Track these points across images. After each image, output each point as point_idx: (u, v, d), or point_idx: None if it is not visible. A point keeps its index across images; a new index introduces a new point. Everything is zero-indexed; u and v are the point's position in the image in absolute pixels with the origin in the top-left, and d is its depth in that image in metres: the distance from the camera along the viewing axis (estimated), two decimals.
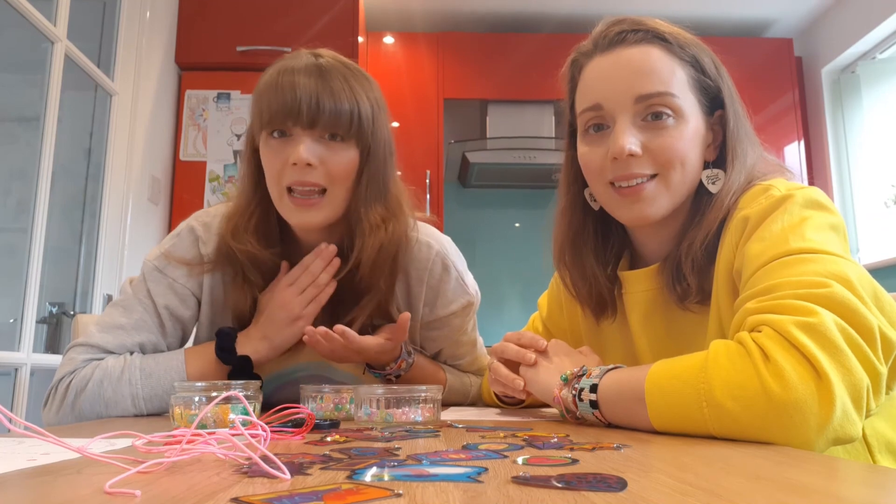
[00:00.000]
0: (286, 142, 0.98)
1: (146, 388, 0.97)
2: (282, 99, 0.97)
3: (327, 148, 0.98)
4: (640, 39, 0.87)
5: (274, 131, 0.99)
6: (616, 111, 0.85)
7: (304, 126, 0.97)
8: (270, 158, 1.00)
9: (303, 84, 0.97)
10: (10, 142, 2.36)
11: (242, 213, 1.04)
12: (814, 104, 3.53)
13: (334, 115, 0.97)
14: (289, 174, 0.98)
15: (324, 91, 0.97)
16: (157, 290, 1.04)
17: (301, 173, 0.97)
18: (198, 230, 1.07)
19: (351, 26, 2.91)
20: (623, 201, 0.86)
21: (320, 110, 0.96)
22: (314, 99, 0.96)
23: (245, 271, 1.04)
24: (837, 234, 0.75)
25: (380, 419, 0.78)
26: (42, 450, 0.54)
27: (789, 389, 0.59)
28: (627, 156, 0.83)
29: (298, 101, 0.96)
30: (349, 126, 0.99)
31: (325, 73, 0.99)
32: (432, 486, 0.38)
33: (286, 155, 0.97)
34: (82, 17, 2.40)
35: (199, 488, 0.38)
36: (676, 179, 0.85)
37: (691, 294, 0.84)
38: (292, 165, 0.97)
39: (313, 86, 0.97)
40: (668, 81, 0.85)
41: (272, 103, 0.97)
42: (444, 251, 1.11)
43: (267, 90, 0.99)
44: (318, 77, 0.98)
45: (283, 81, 0.98)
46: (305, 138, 0.97)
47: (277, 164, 0.98)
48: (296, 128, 0.97)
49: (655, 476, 0.42)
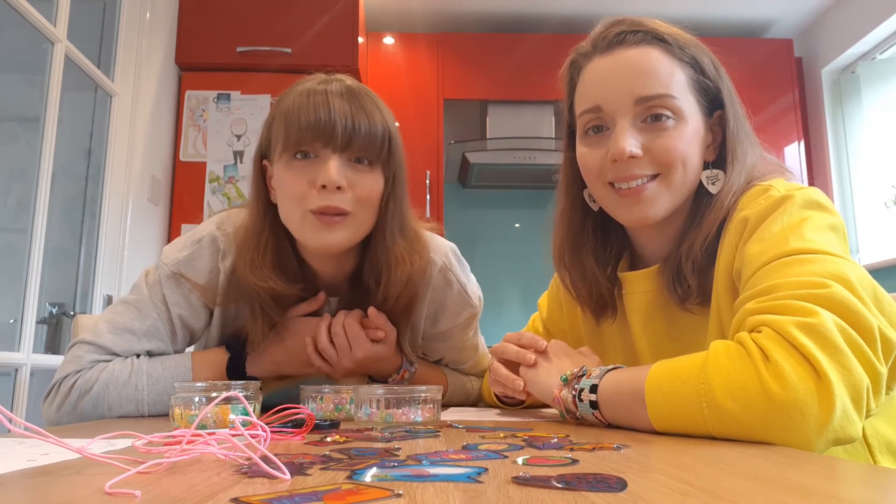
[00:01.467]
0: (311, 164, 0.94)
1: (152, 394, 0.96)
2: (314, 118, 0.92)
3: (355, 171, 0.95)
4: (639, 40, 0.87)
5: (298, 153, 0.94)
6: (616, 113, 0.85)
7: (338, 148, 0.93)
8: (292, 180, 0.94)
9: (337, 104, 0.93)
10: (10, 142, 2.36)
11: (255, 244, 0.99)
12: (814, 104, 3.53)
13: (369, 137, 0.94)
14: (314, 198, 0.93)
15: (358, 112, 0.93)
16: (172, 298, 1.01)
17: (328, 197, 0.92)
18: (220, 242, 1.02)
19: (351, 26, 2.90)
20: (623, 202, 0.86)
21: (356, 131, 0.92)
22: (349, 119, 0.92)
23: (264, 306, 1.00)
24: (837, 234, 0.75)
25: (380, 419, 0.78)
26: (42, 450, 0.54)
27: (789, 390, 0.59)
28: (628, 158, 0.83)
29: (333, 121, 0.92)
30: (380, 150, 0.95)
31: (356, 94, 0.96)
32: (432, 487, 0.38)
33: (311, 176, 0.93)
34: (82, 18, 2.40)
35: (199, 489, 0.38)
36: (677, 180, 0.85)
37: (692, 295, 0.84)
38: (320, 188, 0.92)
39: (347, 107, 0.93)
40: (668, 83, 0.84)
41: (302, 123, 0.92)
42: (446, 265, 1.08)
43: (296, 110, 0.94)
44: (351, 98, 0.94)
45: (315, 101, 0.93)
46: (334, 159, 0.92)
47: (301, 187, 0.93)
48: (326, 149, 0.93)
49: (655, 476, 0.42)
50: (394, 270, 0.99)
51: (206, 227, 1.04)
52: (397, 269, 0.99)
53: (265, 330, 1.01)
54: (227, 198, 2.73)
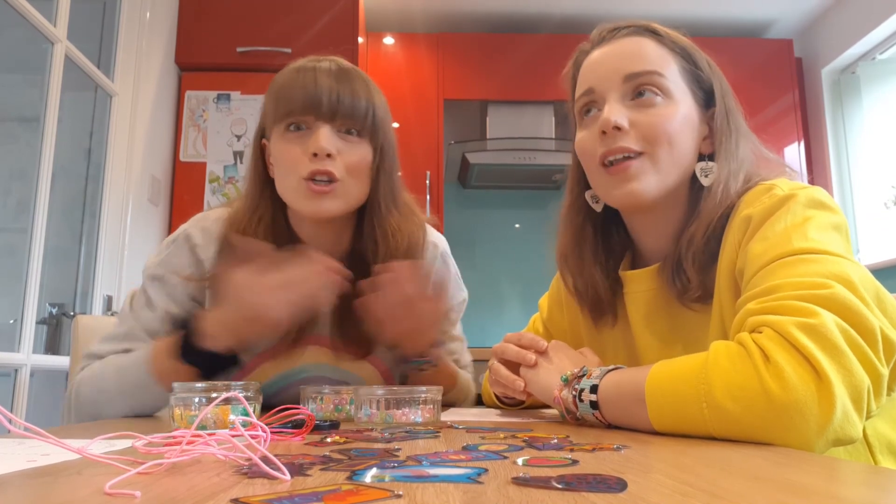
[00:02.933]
0: (303, 135, 0.99)
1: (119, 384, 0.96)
2: (302, 92, 0.99)
3: (344, 141, 1.00)
4: (632, 32, 0.91)
5: (291, 125, 1.00)
6: (606, 91, 0.88)
7: (324, 118, 0.99)
8: (286, 150, 1.00)
9: (323, 79, 0.99)
10: (10, 142, 2.36)
11: (249, 215, 1.04)
12: (814, 105, 3.53)
13: (352, 109, 1.00)
14: (306, 165, 0.98)
15: (343, 87, 1.00)
16: (158, 297, 1.03)
17: (320, 163, 0.98)
18: (194, 237, 1.05)
19: (351, 27, 2.90)
20: (612, 180, 0.87)
21: (340, 103, 0.99)
22: (334, 93, 0.99)
23: None
24: (840, 233, 0.75)
25: (380, 420, 0.78)
26: (42, 450, 0.54)
27: (790, 390, 0.58)
28: (613, 128, 0.84)
29: (319, 94, 0.98)
30: (364, 121, 1.01)
31: (344, 73, 1.02)
32: (432, 487, 0.38)
33: (304, 146, 0.98)
34: (82, 18, 2.40)
35: (199, 489, 0.38)
36: (664, 158, 0.85)
37: (691, 289, 0.84)
38: (312, 156, 0.97)
39: (333, 82, 1.00)
40: (656, 62, 0.87)
41: (291, 96, 0.99)
42: (445, 250, 1.15)
43: (286, 85, 1.01)
44: (338, 75, 1.01)
45: (303, 77, 1.00)
46: (324, 129, 0.98)
47: (294, 156, 0.99)
48: (317, 121, 0.99)
49: (655, 477, 0.42)
50: (391, 240, 1.03)
51: (181, 228, 1.08)
52: (395, 238, 1.03)
53: None
54: (227, 198, 2.73)
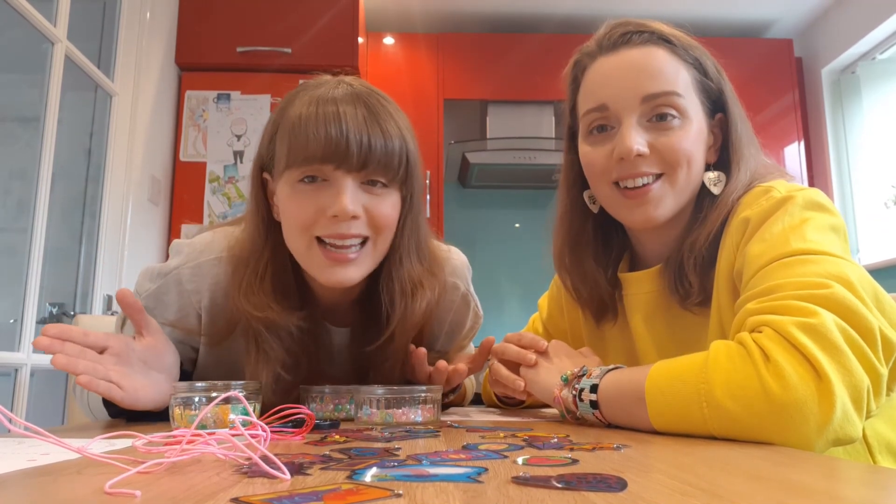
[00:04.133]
0: (319, 188, 0.83)
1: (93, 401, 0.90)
2: (325, 136, 0.81)
3: (369, 194, 0.85)
4: (644, 41, 0.87)
5: (305, 177, 0.83)
6: (622, 112, 0.85)
7: (351, 169, 0.82)
8: (298, 206, 0.84)
9: (350, 120, 0.82)
10: (10, 142, 2.36)
11: (253, 268, 0.89)
12: (814, 105, 3.53)
13: (386, 156, 0.83)
14: (323, 225, 0.83)
15: (374, 129, 0.83)
16: None
17: (341, 226, 0.83)
18: (185, 281, 0.91)
19: (351, 27, 2.90)
20: (628, 203, 0.86)
21: (371, 151, 0.82)
22: (364, 137, 0.82)
23: (261, 342, 0.89)
24: (838, 235, 0.75)
25: (380, 419, 0.78)
26: (42, 450, 0.54)
27: (789, 390, 0.59)
28: (635, 156, 0.83)
29: (344, 139, 0.81)
30: (397, 170, 0.85)
31: (371, 108, 0.84)
32: (432, 487, 0.38)
33: (321, 204, 0.83)
34: (82, 18, 2.40)
35: (199, 488, 0.38)
36: (682, 180, 0.85)
37: (693, 294, 0.84)
38: (331, 217, 0.82)
39: (362, 122, 0.82)
40: (674, 82, 0.85)
41: (309, 140, 0.81)
42: (466, 288, 1.04)
43: (303, 123, 0.83)
44: (367, 110, 0.84)
45: (326, 116, 0.82)
46: (348, 184, 0.82)
47: (308, 214, 0.83)
48: (338, 171, 0.82)
49: (655, 476, 0.42)
50: (411, 298, 0.90)
51: (174, 261, 0.93)
52: (415, 296, 0.90)
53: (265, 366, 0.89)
54: (227, 198, 2.73)
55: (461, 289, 1.03)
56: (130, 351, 0.82)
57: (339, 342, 0.99)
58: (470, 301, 1.06)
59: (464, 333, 1.10)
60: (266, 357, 0.89)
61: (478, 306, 1.09)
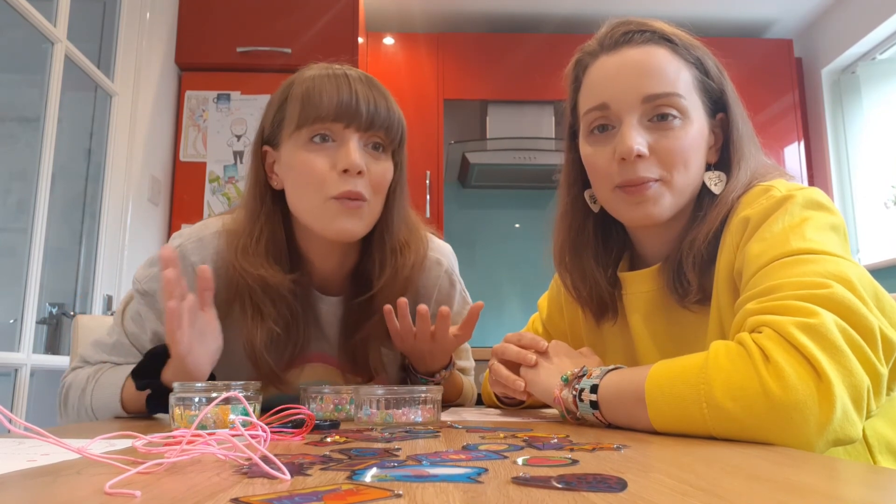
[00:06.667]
0: (329, 147, 0.92)
1: (96, 401, 0.95)
2: (338, 97, 0.91)
3: (370, 156, 0.94)
4: (646, 40, 0.87)
5: (316, 136, 0.92)
6: (623, 111, 0.85)
7: (361, 127, 0.92)
8: (309, 163, 0.91)
9: (359, 86, 0.93)
10: (10, 142, 2.36)
11: (248, 231, 0.96)
12: (814, 105, 3.53)
13: (389, 121, 0.94)
14: (335, 183, 0.91)
15: (379, 97, 0.94)
16: (148, 315, 0.98)
17: (350, 181, 0.91)
18: (189, 253, 0.98)
19: (351, 27, 2.90)
20: (628, 200, 0.86)
21: (377, 113, 0.92)
22: (372, 102, 0.92)
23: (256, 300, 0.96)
24: (838, 234, 0.75)
25: (380, 420, 0.78)
26: (42, 450, 0.54)
27: (789, 390, 0.59)
28: (635, 157, 0.83)
29: (357, 100, 0.91)
30: (396, 135, 0.96)
31: (374, 83, 0.96)
32: (432, 487, 0.38)
33: (332, 160, 0.91)
34: (82, 18, 2.40)
35: (199, 489, 0.38)
36: (680, 182, 0.85)
37: (692, 293, 0.84)
38: (342, 173, 0.91)
39: (369, 90, 0.93)
40: (675, 82, 0.85)
41: (325, 100, 0.91)
42: (450, 267, 1.10)
43: (317, 89, 0.92)
44: (370, 84, 0.95)
45: (339, 81, 0.93)
46: (354, 142, 0.92)
47: (321, 171, 0.91)
48: (347, 130, 0.92)
49: (655, 476, 0.42)
50: (399, 258, 0.99)
51: (176, 240, 1.01)
52: (402, 256, 0.99)
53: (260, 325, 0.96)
54: (227, 198, 2.73)
55: (444, 265, 1.10)
56: (196, 317, 0.86)
57: (329, 311, 1.05)
58: (455, 282, 1.12)
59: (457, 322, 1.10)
60: (261, 315, 0.96)
61: (465, 291, 1.14)
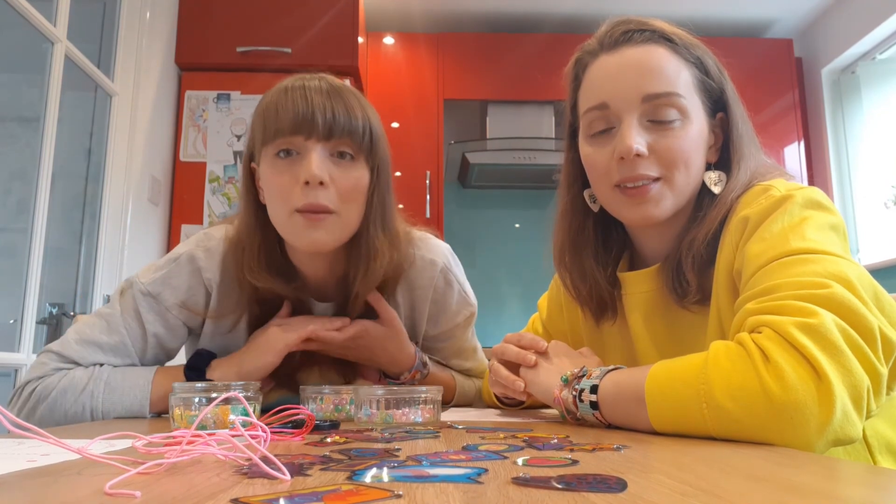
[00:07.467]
0: (293, 161, 0.93)
1: (106, 403, 0.94)
2: (293, 110, 0.91)
3: (337, 166, 0.93)
4: (646, 39, 0.87)
5: (280, 151, 0.93)
6: (622, 110, 0.85)
7: (320, 137, 0.91)
8: (276, 179, 0.93)
9: (315, 97, 0.92)
10: (10, 142, 2.36)
11: (248, 246, 0.99)
12: (814, 105, 3.53)
13: (348, 127, 0.93)
14: (298, 196, 0.91)
15: (337, 104, 0.93)
16: (148, 316, 1.00)
17: (311, 194, 0.91)
18: (199, 259, 1.01)
19: (351, 27, 2.90)
20: (628, 201, 0.86)
21: (335, 121, 0.92)
22: (328, 110, 0.92)
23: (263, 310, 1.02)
24: (837, 234, 0.75)
25: (380, 420, 0.78)
26: (42, 451, 0.54)
27: (789, 390, 0.58)
28: (634, 156, 0.83)
29: (312, 111, 0.91)
30: (361, 140, 0.94)
31: (336, 90, 0.95)
32: (432, 487, 0.38)
33: (295, 174, 0.92)
34: (82, 18, 2.40)
35: (199, 489, 0.38)
36: (680, 181, 0.85)
37: (691, 293, 0.84)
38: (304, 185, 0.91)
39: (326, 99, 0.93)
40: (675, 82, 0.84)
41: (280, 116, 0.92)
42: (446, 266, 1.09)
43: (274, 103, 0.94)
44: (331, 93, 0.94)
45: (294, 95, 0.93)
46: (317, 151, 0.92)
47: (285, 185, 0.92)
48: (308, 141, 0.92)
49: (655, 477, 0.42)
50: (372, 263, 0.98)
51: (184, 247, 1.03)
52: (375, 261, 0.98)
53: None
54: (227, 198, 2.73)
55: (439, 264, 1.08)
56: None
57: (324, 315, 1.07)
58: (452, 282, 1.10)
59: (450, 317, 1.12)
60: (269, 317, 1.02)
61: (465, 291, 1.13)
